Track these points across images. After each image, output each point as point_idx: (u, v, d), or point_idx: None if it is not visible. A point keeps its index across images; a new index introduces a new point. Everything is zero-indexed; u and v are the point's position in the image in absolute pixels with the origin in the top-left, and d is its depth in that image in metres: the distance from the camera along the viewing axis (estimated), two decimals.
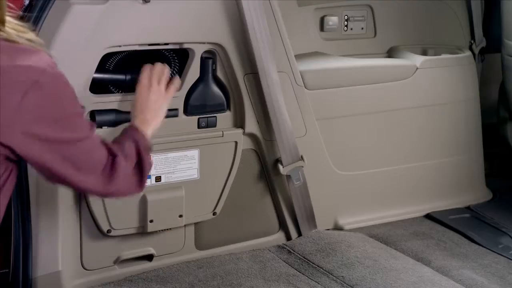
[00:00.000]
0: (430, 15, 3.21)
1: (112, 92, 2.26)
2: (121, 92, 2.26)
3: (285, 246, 2.61)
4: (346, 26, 3.09)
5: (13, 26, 1.53)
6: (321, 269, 2.43)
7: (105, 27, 2.11)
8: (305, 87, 2.63)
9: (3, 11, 1.51)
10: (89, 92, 2.15)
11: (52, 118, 1.53)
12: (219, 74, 2.41)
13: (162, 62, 2.22)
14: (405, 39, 3.18)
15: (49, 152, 1.56)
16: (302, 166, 2.61)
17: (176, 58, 2.33)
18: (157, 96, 2.11)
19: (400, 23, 3.17)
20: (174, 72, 2.33)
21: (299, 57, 2.69)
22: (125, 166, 1.79)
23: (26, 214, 2.12)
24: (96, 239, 2.29)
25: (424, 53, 3.15)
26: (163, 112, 2.12)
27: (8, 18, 1.53)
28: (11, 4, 1.58)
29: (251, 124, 2.50)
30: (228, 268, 2.42)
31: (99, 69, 2.17)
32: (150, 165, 1.92)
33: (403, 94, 2.91)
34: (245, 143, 2.51)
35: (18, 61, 1.48)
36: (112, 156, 1.76)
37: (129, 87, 2.23)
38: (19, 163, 1.63)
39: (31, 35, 1.56)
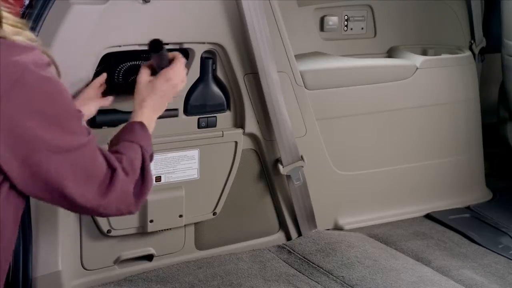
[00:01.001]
0: (430, 15, 3.21)
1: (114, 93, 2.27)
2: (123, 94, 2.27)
3: (285, 246, 2.61)
4: (346, 26, 3.09)
5: (11, 23, 1.45)
6: (321, 269, 2.43)
7: (105, 27, 2.11)
8: (305, 87, 2.63)
9: None
10: None
11: (39, 119, 1.42)
12: (219, 74, 2.41)
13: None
14: (405, 39, 3.18)
15: (38, 159, 1.43)
16: (302, 166, 2.61)
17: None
18: (164, 79, 1.96)
19: (400, 23, 3.17)
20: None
21: (299, 57, 2.69)
22: (125, 181, 1.62)
23: (26, 214, 2.11)
24: (96, 239, 2.29)
25: (424, 53, 3.15)
26: (173, 92, 1.98)
27: (5, 14, 1.45)
28: (11, 1, 1.51)
29: (251, 124, 2.50)
30: (228, 268, 2.42)
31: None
32: (152, 181, 1.73)
33: (403, 94, 2.91)
34: (245, 143, 2.51)
35: (6, 56, 1.38)
36: (111, 168, 1.59)
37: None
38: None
39: (27, 33, 1.48)
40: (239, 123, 2.49)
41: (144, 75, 1.98)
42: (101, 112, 2.19)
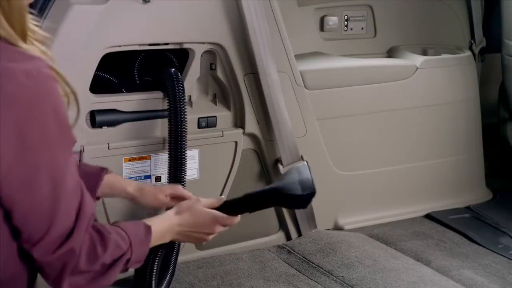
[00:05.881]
0: (430, 15, 3.21)
1: (116, 92, 2.27)
2: (123, 92, 2.27)
3: (285, 246, 2.61)
4: (346, 26, 3.09)
5: (39, 37, 1.30)
6: (321, 269, 2.43)
7: (105, 27, 2.11)
8: (305, 87, 2.63)
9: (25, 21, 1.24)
10: (89, 92, 2.15)
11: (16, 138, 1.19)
12: (219, 74, 2.41)
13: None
14: (405, 39, 3.18)
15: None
16: None
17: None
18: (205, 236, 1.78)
19: (400, 23, 3.17)
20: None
21: (299, 57, 2.69)
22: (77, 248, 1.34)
23: None
24: None
25: (424, 53, 3.15)
26: (194, 240, 1.80)
27: (33, 27, 1.28)
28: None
29: (251, 124, 2.50)
30: (228, 268, 2.42)
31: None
32: (109, 282, 1.42)
33: (403, 94, 2.91)
34: (245, 143, 2.51)
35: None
36: (75, 222, 1.31)
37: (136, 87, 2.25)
38: None
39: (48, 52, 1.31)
40: (239, 123, 2.49)
41: (208, 203, 1.78)
42: (101, 112, 2.19)
